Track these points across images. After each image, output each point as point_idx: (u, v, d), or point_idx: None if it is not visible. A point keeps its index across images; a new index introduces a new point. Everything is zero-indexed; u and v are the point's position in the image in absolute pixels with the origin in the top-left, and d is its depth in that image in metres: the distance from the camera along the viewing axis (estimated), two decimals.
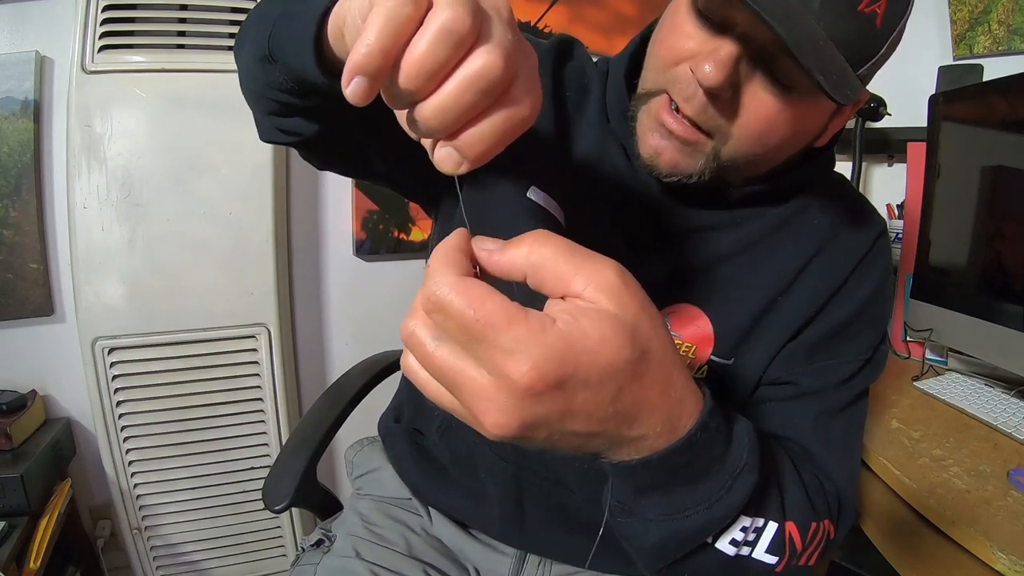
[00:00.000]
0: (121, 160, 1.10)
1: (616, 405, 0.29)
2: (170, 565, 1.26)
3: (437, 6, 0.25)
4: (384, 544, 0.64)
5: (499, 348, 0.26)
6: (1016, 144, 0.91)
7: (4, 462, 1.03)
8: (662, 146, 0.48)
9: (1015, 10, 1.19)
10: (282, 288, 1.27)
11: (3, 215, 1.16)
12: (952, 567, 0.63)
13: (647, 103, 0.49)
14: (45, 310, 1.21)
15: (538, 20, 1.52)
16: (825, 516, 0.48)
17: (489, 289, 0.27)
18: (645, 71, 0.50)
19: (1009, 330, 0.88)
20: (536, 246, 0.29)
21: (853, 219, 0.57)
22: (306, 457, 0.76)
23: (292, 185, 1.36)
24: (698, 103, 0.44)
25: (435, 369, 0.28)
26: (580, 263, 0.29)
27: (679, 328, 0.54)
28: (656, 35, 0.49)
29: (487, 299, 0.26)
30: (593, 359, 0.27)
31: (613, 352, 0.28)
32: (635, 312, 0.29)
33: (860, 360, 0.56)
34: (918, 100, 1.11)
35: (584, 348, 0.27)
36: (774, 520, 0.42)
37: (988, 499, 0.67)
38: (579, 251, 0.30)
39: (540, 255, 0.29)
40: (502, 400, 0.27)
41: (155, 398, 1.18)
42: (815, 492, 0.48)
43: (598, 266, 0.29)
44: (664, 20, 0.48)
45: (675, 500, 0.36)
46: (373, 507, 0.70)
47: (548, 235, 0.30)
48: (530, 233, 0.30)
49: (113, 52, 1.08)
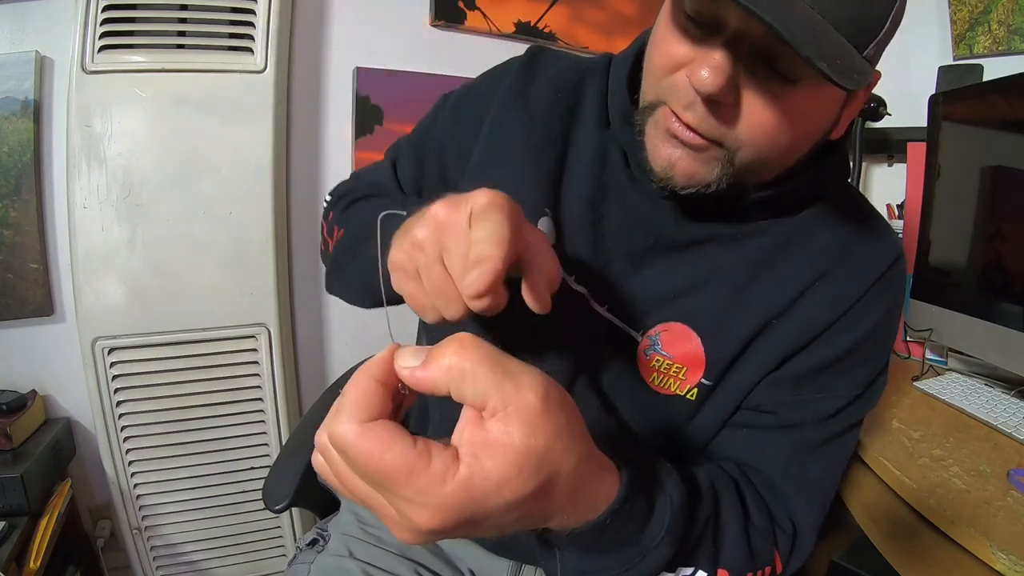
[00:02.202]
0: (121, 160, 1.10)
1: (523, 520, 0.31)
2: (170, 565, 1.26)
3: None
4: (377, 544, 0.65)
5: (400, 497, 0.28)
6: (1016, 144, 0.91)
7: (4, 462, 1.03)
8: (675, 156, 0.45)
9: (1015, 10, 1.19)
10: (282, 288, 1.27)
11: (3, 215, 1.16)
12: (952, 567, 0.63)
13: (652, 115, 0.46)
14: (45, 310, 1.21)
15: (538, 20, 1.52)
16: (769, 562, 0.47)
17: (392, 437, 0.28)
18: (644, 83, 0.48)
19: (1009, 330, 0.88)
20: (457, 358, 0.29)
21: (865, 243, 0.52)
22: (306, 457, 0.76)
23: (292, 185, 1.36)
24: (699, 111, 0.42)
25: (350, 489, 0.31)
26: (501, 381, 0.29)
27: (670, 348, 0.52)
28: (650, 44, 0.47)
29: (388, 450, 0.27)
30: (495, 498, 0.28)
31: (514, 490, 0.29)
32: (548, 437, 0.29)
33: (850, 396, 0.52)
34: (918, 100, 1.12)
35: (485, 491, 0.28)
36: (704, 570, 0.43)
37: (988, 499, 0.67)
38: (501, 364, 0.29)
39: (461, 369, 0.29)
40: (411, 531, 0.29)
41: (155, 398, 1.17)
42: (762, 538, 0.47)
43: (519, 386, 0.29)
44: (655, 28, 0.46)
45: (590, 562, 0.38)
46: None
47: (471, 344, 0.29)
48: (452, 341, 0.30)
49: (113, 52, 1.08)
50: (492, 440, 0.28)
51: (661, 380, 0.52)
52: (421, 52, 1.43)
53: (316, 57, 1.36)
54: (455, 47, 1.47)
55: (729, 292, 0.51)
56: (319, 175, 1.40)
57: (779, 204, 0.51)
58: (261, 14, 1.15)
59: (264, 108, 1.18)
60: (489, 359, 0.29)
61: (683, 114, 0.43)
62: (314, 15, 1.34)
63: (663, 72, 0.44)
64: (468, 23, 1.45)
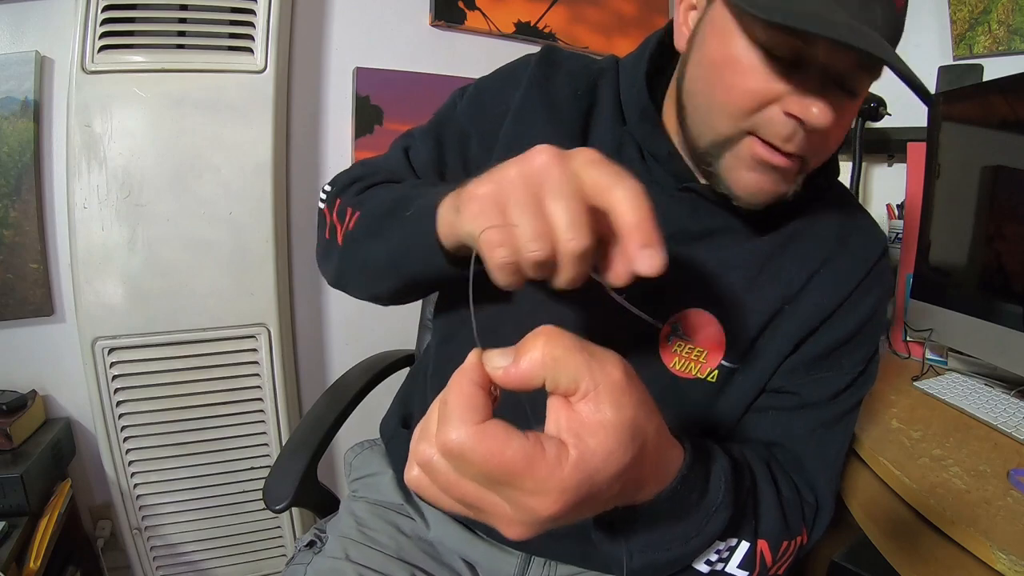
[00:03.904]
0: (121, 160, 1.10)
1: (622, 493, 0.33)
2: (170, 565, 1.26)
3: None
4: (374, 546, 0.65)
5: (523, 490, 0.29)
6: (1016, 144, 0.91)
7: (4, 462, 1.03)
8: (765, 180, 0.48)
9: (1015, 10, 1.19)
10: (282, 288, 1.27)
11: (3, 215, 1.16)
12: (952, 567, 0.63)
13: (732, 148, 0.48)
14: (45, 310, 1.21)
15: (538, 20, 1.52)
16: (799, 532, 0.51)
17: (507, 433, 0.28)
18: (710, 119, 0.49)
19: (1009, 330, 0.88)
20: (549, 348, 0.30)
21: (858, 236, 0.58)
22: (307, 457, 0.76)
23: (292, 185, 1.36)
24: (799, 140, 0.45)
25: (458, 496, 0.31)
26: (589, 363, 0.30)
27: (691, 333, 0.55)
28: (711, 81, 0.47)
29: (507, 447, 0.28)
30: (604, 472, 0.30)
31: (618, 462, 0.30)
32: (633, 408, 0.31)
33: (855, 373, 0.57)
34: (918, 100, 1.11)
35: (596, 467, 0.30)
36: (747, 540, 0.46)
37: (988, 499, 0.67)
38: (587, 348, 0.31)
39: (554, 358, 0.30)
40: (527, 524, 0.30)
41: (155, 398, 1.18)
42: (793, 509, 0.51)
43: (604, 365, 0.31)
44: (714, 65, 0.47)
45: (657, 536, 0.40)
46: (368, 510, 0.70)
47: (557, 334, 0.31)
48: (539, 333, 0.31)
49: (113, 52, 1.08)
50: (588, 420, 0.30)
51: (682, 364, 0.55)
52: (421, 52, 1.43)
53: (316, 57, 1.36)
54: (455, 47, 1.47)
55: (744, 279, 0.55)
56: (319, 175, 1.40)
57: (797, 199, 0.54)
58: (261, 14, 1.15)
59: (264, 108, 1.18)
60: (575, 345, 0.31)
61: (784, 145, 0.46)
62: (314, 15, 1.34)
63: (752, 107, 0.45)
64: (468, 23, 1.45)
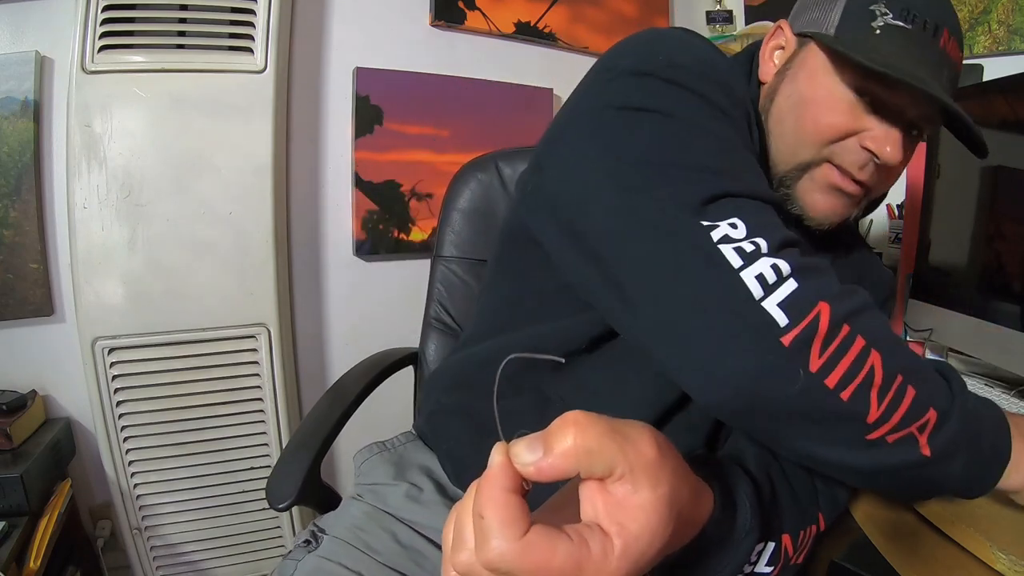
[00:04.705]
0: (121, 160, 1.10)
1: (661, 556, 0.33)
2: (170, 565, 1.26)
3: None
4: (367, 551, 0.64)
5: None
6: (1016, 144, 0.91)
7: (4, 462, 1.03)
8: (836, 204, 0.55)
9: (1015, 10, 1.19)
10: (282, 288, 1.27)
11: (3, 215, 1.16)
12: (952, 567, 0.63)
13: (809, 172, 0.55)
14: (45, 310, 1.21)
15: (538, 20, 1.52)
16: (813, 520, 0.54)
17: (552, 541, 0.28)
18: (796, 143, 0.54)
19: (1009, 330, 0.88)
20: (581, 438, 0.29)
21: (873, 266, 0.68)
22: (310, 456, 0.75)
23: (292, 185, 1.36)
24: (870, 170, 0.52)
25: None
26: (623, 447, 0.30)
27: None
28: (803, 108, 0.54)
29: (555, 555, 0.28)
30: (648, 555, 0.30)
31: (661, 538, 0.31)
32: (669, 481, 0.31)
33: None
34: None
35: (640, 551, 0.30)
36: (772, 540, 0.48)
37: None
38: (618, 431, 0.30)
39: (588, 448, 0.29)
40: None
41: (155, 398, 1.18)
42: (806, 494, 0.53)
43: (637, 445, 0.31)
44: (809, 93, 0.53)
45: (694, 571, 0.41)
46: (368, 513, 0.69)
47: (587, 421, 0.30)
48: (567, 422, 0.30)
49: (113, 52, 1.08)
50: (627, 503, 0.30)
51: None
52: (421, 52, 1.43)
53: (316, 57, 1.36)
54: (455, 47, 1.47)
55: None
56: (319, 175, 1.40)
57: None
58: (261, 14, 1.15)
59: (264, 108, 1.18)
60: (607, 430, 0.30)
61: (857, 173, 0.53)
62: (314, 15, 1.34)
63: (833, 137, 0.52)
64: (468, 23, 1.45)
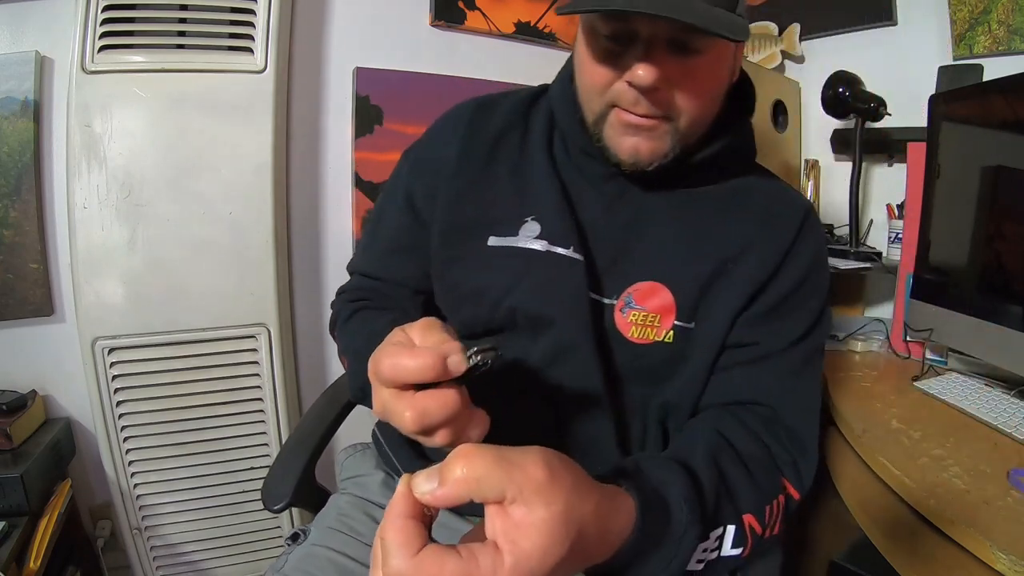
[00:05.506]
0: (121, 160, 1.10)
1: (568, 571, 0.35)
2: (170, 565, 1.26)
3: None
4: (352, 534, 0.66)
5: None
6: (1016, 144, 0.91)
7: (4, 462, 1.03)
8: (637, 142, 0.56)
9: (1015, 10, 1.19)
10: (282, 288, 1.27)
11: (3, 215, 1.16)
12: (952, 567, 0.63)
13: (606, 120, 0.57)
14: (45, 310, 1.21)
15: (538, 20, 1.52)
16: (778, 491, 0.55)
17: (440, 558, 0.31)
18: (587, 103, 0.59)
19: (1009, 330, 0.88)
20: (468, 469, 0.33)
21: (783, 203, 0.65)
22: (305, 457, 0.76)
23: (292, 185, 1.36)
24: (645, 103, 0.54)
25: None
26: (510, 472, 0.33)
27: (643, 302, 0.60)
28: (579, 72, 0.59)
29: (442, 570, 0.31)
30: (542, 568, 0.32)
31: (556, 555, 0.33)
32: (564, 500, 0.34)
33: (809, 321, 0.62)
34: (918, 100, 1.11)
35: (531, 568, 0.32)
36: (731, 523, 0.49)
37: (988, 499, 0.67)
38: (505, 458, 0.34)
39: (476, 477, 0.33)
40: None
41: (155, 398, 1.18)
42: (766, 471, 0.55)
43: (525, 470, 0.33)
44: (579, 58, 0.58)
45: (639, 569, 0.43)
46: (351, 502, 0.72)
47: (474, 452, 0.34)
48: (458, 455, 0.33)
49: (113, 52, 1.08)
50: (520, 523, 0.32)
51: (640, 332, 0.61)
52: (421, 52, 1.43)
53: (316, 57, 1.36)
54: (455, 47, 1.47)
55: (684, 248, 0.61)
56: (319, 175, 1.40)
57: (713, 168, 0.63)
58: (261, 14, 1.15)
59: (264, 108, 1.18)
60: (493, 459, 0.33)
61: (634, 108, 0.55)
62: (314, 15, 1.34)
63: (605, 85, 0.55)
64: (468, 23, 1.45)
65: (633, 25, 0.51)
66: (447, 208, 0.65)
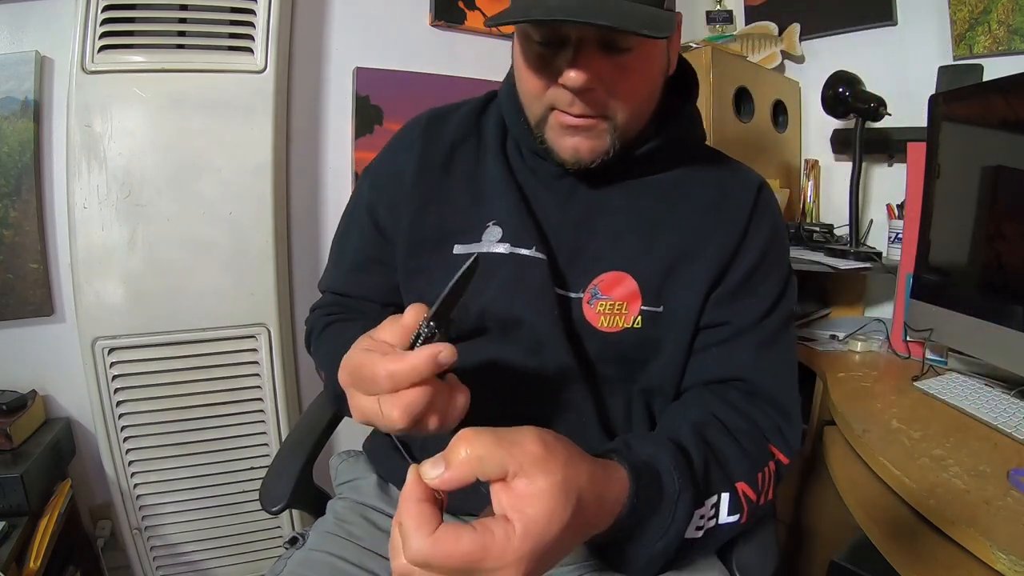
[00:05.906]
0: (121, 160, 1.11)
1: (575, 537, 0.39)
2: (170, 565, 1.26)
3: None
4: (350, 539, 0.67)
5: (489, 571, 0.35)
6: (1016, 144, 0.91)
7: (4, 462, 1.03)
8: (575, 142, 0.58)
9: (1015, 10, 1.19)
10: (282, 288, 1.27)
11: (3, 215, 1.16)
12: (952, 567, 0.63)
13: (546, 123, 0.59)
14: (45, 310, 1.21)
15: None
16: (768, 458, 0.57)
17: (456, 532, 0.35)
18: (528, 107, 0.61)
19: (1009, 330, 0.88)
20: (471, 450, 0.36)
21: (735, 183, 0.67)
22: (302, 459, 0.76)
23: (292, 185, 1.36)
24: (580, 103, 0.55)
25: None
26: (509, 449, 0.36)
27: (608, 291, 0.62)
28: (518, 78, 0.61)
29: (459, 543, 0.34)
30: (550, 532, 0.36)
31: (560, 518, 0.36)
32: (561, 469, 0.37)
33: (776, 293, 0.64)
34: (918, 100, 1.11)
35: (540, 531, 0.35)
36: (725, 491, 0.52)
37: (988, 499, 0.67)
38: (503, 437, 0.37)
39: (478, 456, 0.36)
40: None
41: (155, 398, 1.18)
42: (752, 441, 0.57)
43: (522, 446, 0.37)
44: (517, 65, 0.60)
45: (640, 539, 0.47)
46: (348, 507, 0.72)
47: (473, 435, 0.37)
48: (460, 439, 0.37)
49: (113, 52, 1.08)
50: (523, 493, 0.36)
51: (609, 320, 0.62)
52: (421, 52, 1.43)
53: (316, 57, 1.36)
54: (455, 47, 1.47)
55: (640, 236, 0.63)
56: (319, 175, 1.40)
57: (660, 157, 0.64)
58: (261, 14, 1.15)
59: (264, 108, 1.18)
60: (493, 439, 0.37)
61: (571, 109, 0.56)
62: (314, 15, 1.34)
63: (541, 89, 0.57)
64: (468, 23, 1.45)
65: (562, 29, 0.53)
66: (410, 220, 0.67)
